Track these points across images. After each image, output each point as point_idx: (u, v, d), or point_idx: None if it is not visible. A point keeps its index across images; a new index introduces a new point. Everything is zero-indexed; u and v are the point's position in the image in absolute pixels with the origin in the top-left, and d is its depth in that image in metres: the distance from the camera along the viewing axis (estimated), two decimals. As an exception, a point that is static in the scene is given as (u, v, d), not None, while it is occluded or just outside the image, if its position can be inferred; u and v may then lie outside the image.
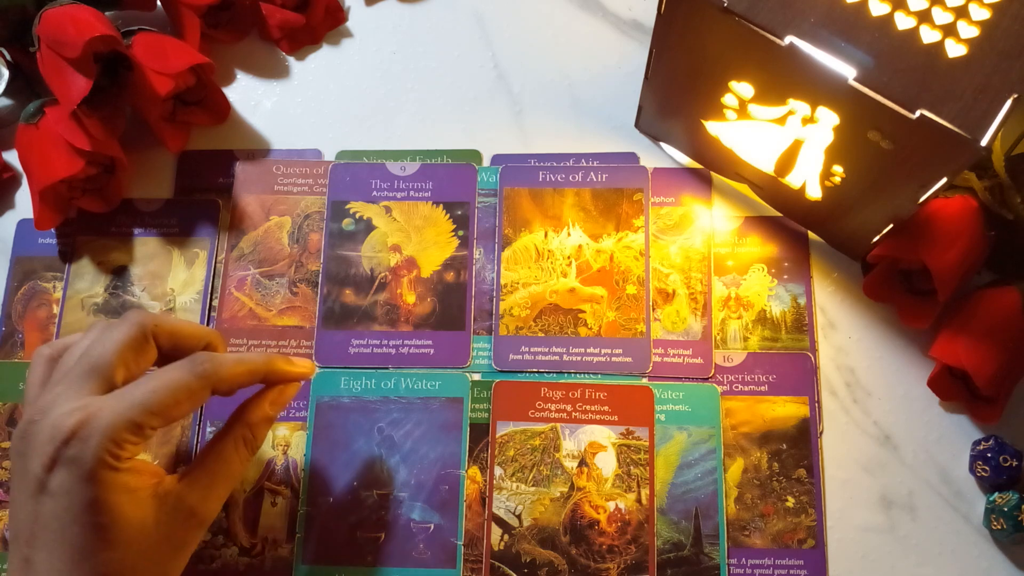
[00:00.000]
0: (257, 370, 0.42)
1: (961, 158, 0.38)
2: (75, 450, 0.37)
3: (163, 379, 0.39)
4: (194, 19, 0.55)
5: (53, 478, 0.37)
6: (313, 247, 0.55)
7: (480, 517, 0.49)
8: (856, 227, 0.50)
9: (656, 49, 0.47)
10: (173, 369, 0.40)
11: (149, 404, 0.38)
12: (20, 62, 0.57)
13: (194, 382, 0.39)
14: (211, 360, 0.40)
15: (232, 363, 0.41)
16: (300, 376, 0.44)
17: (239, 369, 0.41)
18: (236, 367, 0.41)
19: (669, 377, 0.51)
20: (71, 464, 0.37)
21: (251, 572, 0.49)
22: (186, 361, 0.40)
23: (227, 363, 0.41)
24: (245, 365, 0.41)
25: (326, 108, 0.58)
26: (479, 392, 0.51)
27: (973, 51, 0.38)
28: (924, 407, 0.51)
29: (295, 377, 0.44)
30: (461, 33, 0.59)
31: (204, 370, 0.40)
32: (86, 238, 0.56)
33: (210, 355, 0.40)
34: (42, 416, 0.38)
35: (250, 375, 0.42)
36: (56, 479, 0.37)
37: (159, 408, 0.38)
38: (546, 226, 0.54)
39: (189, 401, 0.40)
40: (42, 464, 0.37)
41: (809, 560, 0.48)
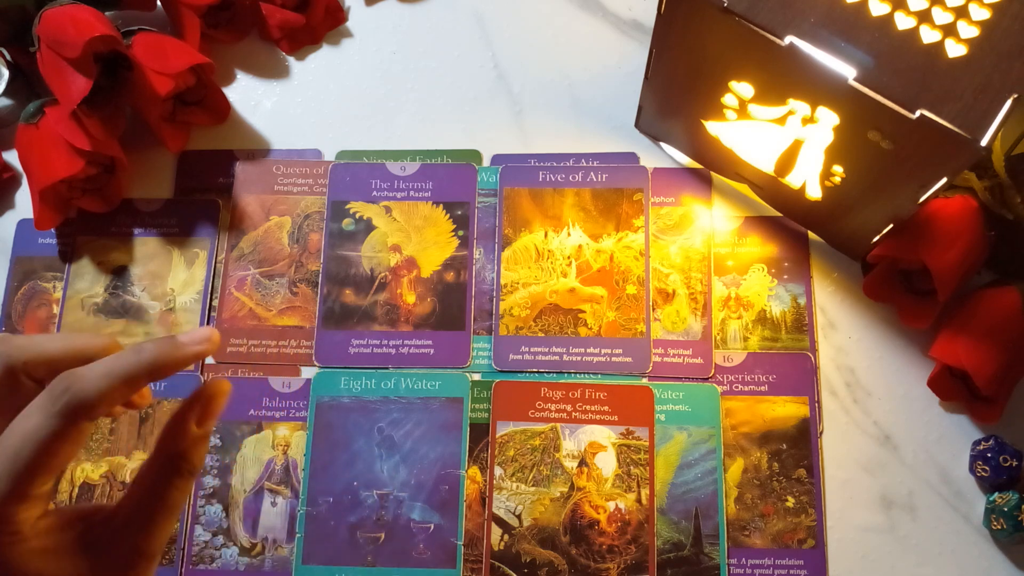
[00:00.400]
0: (134, 375, 0.33)
1: (961, 158, 0.38)
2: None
3: (23, 431, 0.32)
4: (194, 19, 0.55)
5: None
6: (313, 247, 0.55)
7: (480, 517, 0.49)
8: (856, 227, 0.50)
9: (656, 49, 0.47)
10: (30, 415, 0.32)
11: (19, 469, 0.32)
12: (20, 62, 0.57)
13: (60, 425, 0.31)
14: (69, 387, 0.32)
15: (98, 378, 0.32)
16: (196, 356, 0.35)
17: (109, 384, 0.32)
18: (103, 382, 0.32)
19: (669, 377, 0.51)
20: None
21: (251, 572, 0.49)
22: (44, 395, 0.32)
23: (92, 382, 0.32)
24: (116, 375, 0.33)
25: (326, 108, 0.58)
26: (479, 392, 0.51)
27: (973, 51, 0.38)
28: (924, 407, 0.51)
29: (189, 360, 0.34)
30: (461, 33, 0.59)
31: (66, 405, 0.32)
32: (86, 238, 0.56)
33: (69, 379, 0.32)
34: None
35: (127, 384, 0.33)
36: None
37: (33, 470, 0.32)
38: (546, 226, 0.54)
39: (66, 446, 0.32)
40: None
41: (809, 560, 0.48)
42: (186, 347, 0.34)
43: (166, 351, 0.34)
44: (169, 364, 0.34)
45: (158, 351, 0.34)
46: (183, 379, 0.52)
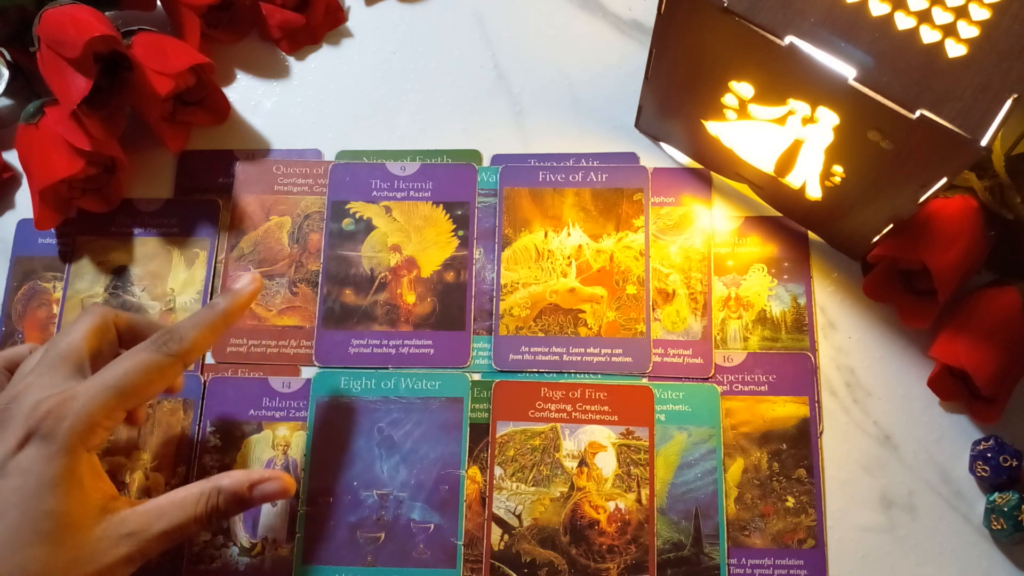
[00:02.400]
0: (216, 323, 0.43)
1: (961, 158, 0.38)
2: (48, 427, 0.37)
3: (134, 361, 0.40)
4: (194, 19, 0.55)
5: (18, 457, 0.37)
6: (313, 247, 0.55)
7: (480, 517, 0.49)
8: (856, 227, 0.50)
9: (656, 49, 0.47)
10: (141, 351, 0.41)
11: (123, 386, 0.39)
12: (20, 62, 0.57)
13: (163, 360, 0.41)
14: (173, 335, 0.41)
15: (190, 329, 0.42)
16: (252, 296, 0.45)
17: (200, 334, 0.42)
18: (195, 332, 0.42)
19: (669, 377, 0.51)
20: (42, 441, 0.37)
21: (251, 572, 0.49)
22: (149, 342, 0.41)
23: (188, 333, 0.42)
24: (203, 325, 0.42)
25: (326, 108, 0.58)
26: (479, 392, 0.51)
27: (973, 51, 0.38)
28: (924, 407, 0.51)
29: (249, 300, 0.45)
30: (461, 33, 0.59)
31: (171, 348, 0.41)
32: (86, 238, 0.56)
33: (170, 330, 0.42)
34: (14, 403, 0.39)
35: (212, 331, 0.43)
36: (21, 458, 0.37)
37: (133, 389, 0.40)
38: (546, 226, 0.54)
39: (161, 379, 0.41)
40: (13, 443, 0.37)
41: (809, 560, 0.48)
42: (242, 292, 0.44)
43: (231, 300, 0.44)
44: (236, 310, 0.44)
45: (226, 303, 0.44)
46: (183, 379, 0.52)
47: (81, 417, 0.38)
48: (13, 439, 0.37)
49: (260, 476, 0.42)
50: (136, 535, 0.38)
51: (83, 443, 0.38)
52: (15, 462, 0.37)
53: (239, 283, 0.45)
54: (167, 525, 0.39)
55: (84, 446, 0.38)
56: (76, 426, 0.38)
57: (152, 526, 0.39)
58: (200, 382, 0.52)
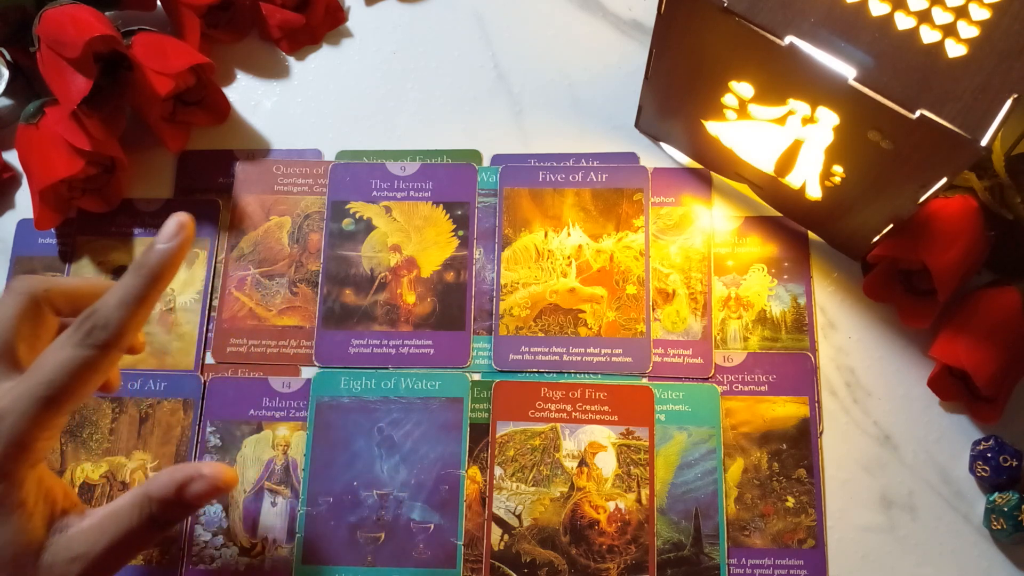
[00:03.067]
0: (144, 294, 0.36)
1: (961, 158, 0.38)
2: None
3: (57, 361, 0.34)
4: (194, 19, 0.55)
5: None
6: (313, 247, 0.55)
7: (480, 517, 0.49)
8: (856, 227, 0.50)
9: (656, 49, 0.47)
10: (62, 347, 0.35)
11: (51, 395, 0.34)
12: (20, 62, 0.57)
13: (91, 354, 0.35)
14: (96, 322, 0.35)
15: (115, 309, 0.35)
16: (181, 248, 0.37)
17: (127, 313, 0.35)
18: (121, 312, 0.35)
19: (669, 377, 0.51)
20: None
21: (251, 572, 0.49)
22: (71, 333, 0.35)
23: (112, 316, 0.35)
24: (130, 299, 0.35)
25: (326, 108, 0.58)
26: (479, 392, 0.51)
27: (973, 51, 0.38)
28: (924, 407, 0.51)
29: (179, 254, 0.37)
30: (461, 33, 0.59)
31: (97, 339, 0.35)
32: (86, 238, 0.56)
33: (93, 314, 0.35)
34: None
35: (142, 305, 0.36)
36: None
37: (62, 396, 0.34)
38: (546, 226, 0.54)
39: (95, 376, 0.35)
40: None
41: (809, 560, 0.48)
42: (168, 245, 0.36)
43: (155, 258, 0.36)
44: (166, 268, 0.36)
45: (152, 263, 0.36)
46: (183, 379, 0.52)
47: (13, 441, 0.34)
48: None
49: (185, 475, 0.37)
50: (82, 557, 0.35)
51: (21, 466, 0.34)
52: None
53: (164, 232, 0.37)
54: (109, 541, 0.36)
55: (22, 468, 0.34)
56: (9, 452, 0.34)
57: (95, 545, 0.35)
58: (200, 382, 0.52)
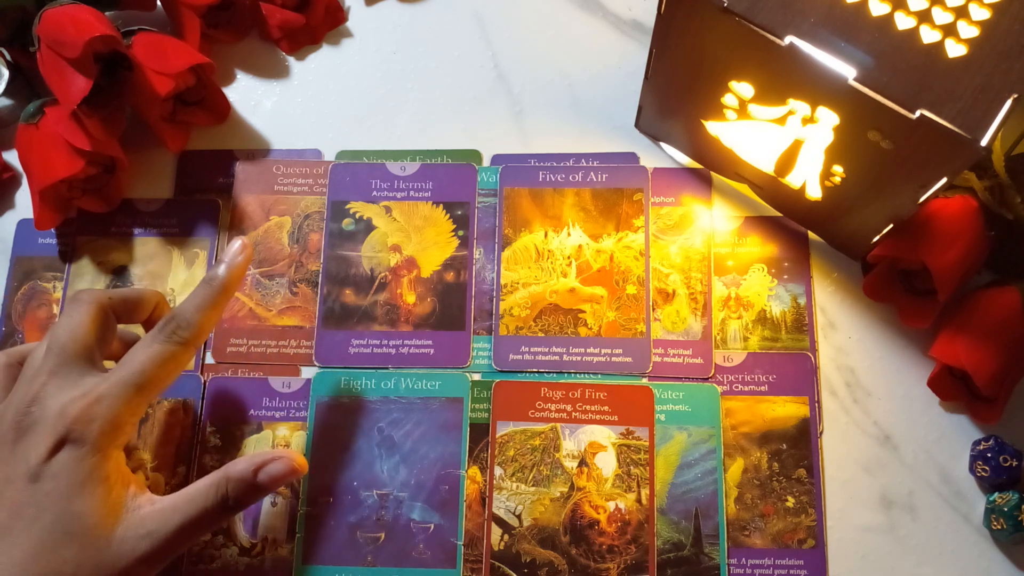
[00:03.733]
0: (217, 300, 0.43)
1: (961, 158, 0.38)
2: (79, 432, 0.38)
3: (148, 354, 0.41)
4: (194, 19, 0.55)
5: (51, 463, 0.38)
6: (313, 247, 0.55)
7: (480, 517, 0.49)
8: (856, 227, 0.50)
9: (656, 49, 0.47)
10: (152, 342, 0.41)
11: (143, 383, 0.40)
12: (20, 62, 0.57)
13: (176, 349, 0.41)
14: (180, 322, 0.42)
15: (195, 312, 0.42)
16: (245, 263, 0.44)
17: (205, 316, 0.42)
18: (200, 315, 0.42)
19: (669, 377, 0.51)
20: (74, 445, 0.38)
21: (251, 572, 0.49)
22: (157, 331, 0.42)
23: (193, 317, 0.42)
24: (205, 305, 0.43)
25: (326, 108, 0.58)
26: (479, 392, 0.51)
27: (973, 51, 0.38)
28: (924, 407, 0.51)
29: (244, 268, 0.44)
30: (461, 33, 0.59)
31: (181, 336, 0.42)
32: (86, 238, 0.56)
33: (175, 317, 0.42)
34: (36, 405, 0.39)
35: (215, 310, 0.43)
36: (54, 463, 0.38)
37: (152, 384, 0.41)
38: (546, 226, 0.54)
39: (177, 368, 0.42)
40: (44, 450, 0.38)
41: (809, 560, 0.48)
42: (235, 262, 0.44)
43: (227, 273, 0.43)
44: (233, 282, 0.44)
45: (222, 276, 0.43)
46: (183, 379, 0.52)
47: (109, 419, 0.39)
48: (44, 446, 0.38)
49: (263, 459, 0.42)
50: (153, 534, 0.39)
51: (112, 444, 0.39)
52: (48, 467, 0.38)
53: (229, 252, 0.44)
54: (182, 520, 0.39)
55: (113, 446, 0.39)
56: (105, 428, 0.39)
57: (167, 523, 0.39)
58: (200, 382, 0.52)
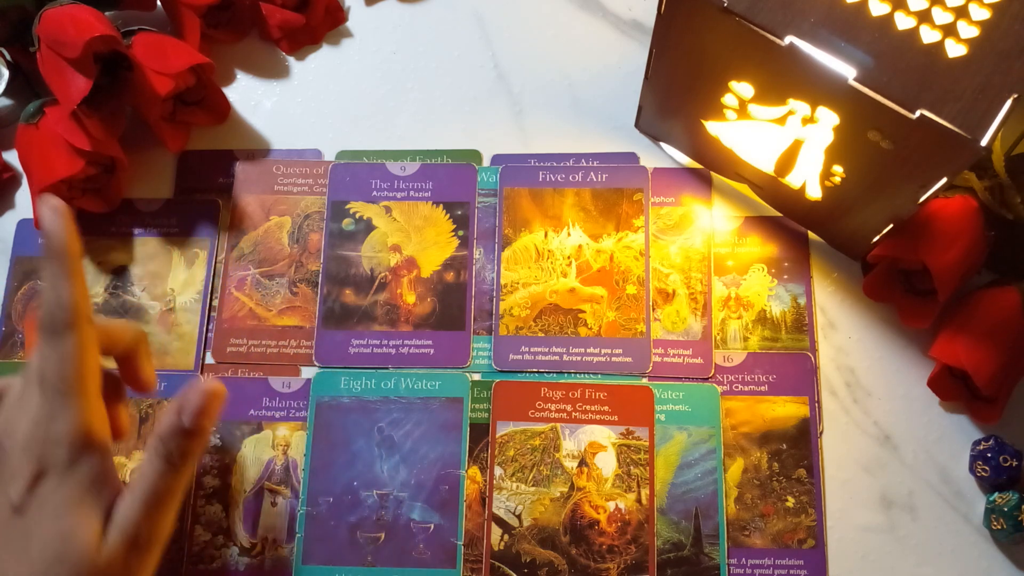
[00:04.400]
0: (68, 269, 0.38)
1: (961, 158, 0.38)
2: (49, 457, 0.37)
3: (53, 359, 0.37)
4: (194, 19, 0.55)
5: (35, 494, 0.37)
6: (313, 247, 0.55)
7: (480, 517, 0.49)
8: (856, 227, 0.50)
9: (656, 49, 0.47)
10: (45, 344, 0.38)
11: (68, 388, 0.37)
12: (20, 62, 0.57)
13: (75, 337, 0.38)
14: (51, 311, 0.38)
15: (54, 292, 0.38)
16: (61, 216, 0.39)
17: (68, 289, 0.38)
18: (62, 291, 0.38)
19: (669, 377, 0.51)
20: (52, 471, 0.37)
21: (251, 572, 0.49)
22: (42, 333, 0.38)
23: (59, 299, 0.38)
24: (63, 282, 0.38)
25: (326, 108, 0.58)
26: (479, 392, 0.51)
27: (973, 51, 0.38)
28: (924, 407, 0.51)
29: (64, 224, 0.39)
30: (461, 33, 0.59)
31: (63, 322, 0.38)
32: (86, 238, 0.55)
33: (44, 309, 0.38)
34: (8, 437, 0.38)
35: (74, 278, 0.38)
36: (39, 493, 0.37)
37: (80, 383, 0.38)
38: (546, 226, 0.54)
39: (91, 353, 0.38)
40: (24, 483, 0.37)
41: (809, 560, 0.48)
42: (54, 222, 0.39)
43: (55, 237, 0.39)
44: (69, 238, 0.39)
45: (54, 241, 0.39)
46: (183, 379, 0.52)
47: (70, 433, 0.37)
48: (23, 479, 0.37)
49: (179, 402, 0.39)
50: (125, 526, 0.38)
51: (84, 455, 0.37)
52: (32, 498, 0.37)
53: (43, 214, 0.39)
54: (142, 498, 0.38)
55: (85, 455, 0.37)
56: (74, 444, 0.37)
57: (132, 508, 0.38)
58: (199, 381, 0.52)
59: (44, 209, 0.40)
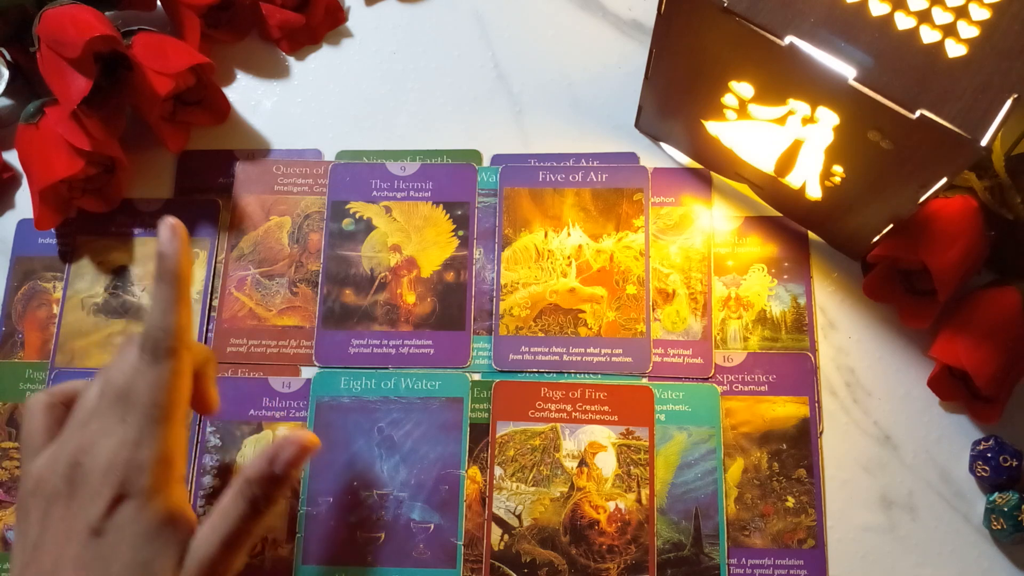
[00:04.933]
0: (180, 295, 0.40)
1: (961, 158, 0.38)
2: (131, 483, 0.37)
3: (149, 384, 0.38)
4: (194, 19, 0.55)
5: (114, 517, 0.37)
6: (313, 247, 0.55)
7: (480, 517, 0.49)
8: (856, 227, 0.50)
9: (656, 49, 0.47)
10: (145, 370, 0.39)
11: (161, 415, 0.38)
12: (20, 62, 0.57)
13: (172, 363, 0.39)
14: (155, 336, 0.39)
15: (161, 316, 0.39)
16: (184, 243, 0.41)
17: (177, 315, 0.39)
18: (171, 317, 0.39)
19: (669, 377, 0.51)
20: (133, 497, 0.37)
21: (251, 572, 0.49)
22: (142, 355, 0.39)
23: (167, 322, 0.39)
24: (174, 306, 0.39)
25: (326, 108, 0.58)
26: (479, 392, 0.51)
27: (973, 51, 0.38)
28: (924, 407, 0.51)
29: (183, 250, 0.40)
30: (461, 33, 0.59)
31: (167, 347, 0.39)
32: (86, 238, 0.56)
33: (147, 332, 0.39)
34: (88, 456, 0.38)
35: (183, 304, 0.40)
36: (117, 517, 0.37)
37: (173, 408, 0.39)
38: (546, 226, 0.54)
39: (185, 381, 0.40)
40: (104, 505, 0.37)
41: (809, 560, 0.48)
42: (173, 247, 0.40)
43: (172, 262, 0.40)
44: (184, 266, 0.40)
45: (170, 266, 0.40)
46: (183, 379, 0.52)
47: (156, 461, 0.38)
48: (102, 501, 0.37)
49: (274, 450, 0.40)
50: (204, 561, 0.38)
51: (168, 482, 0.38)
52: (111, 522, 0.37)
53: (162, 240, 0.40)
54: (222, 536, 0.38)
55: (169, 484, 0.38)
56: (156, 471, 0.37)
57: (211, 546, 0.38)
58: (200, 382, 0.52)
59: (163, 229, 0.40)
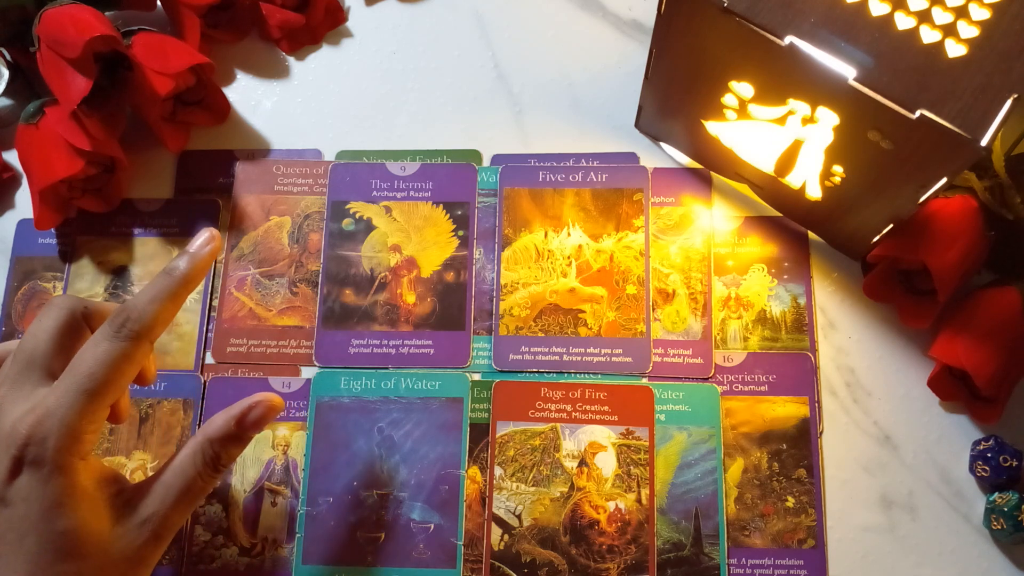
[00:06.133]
0: (175, 291, 0.40)
1: (961, 158, 0.38)
2: (34, 452, 0.36)
3: (94, 355, 0.37)
4: (194, 19, 0.55)
5: (15, 485, 0.36)
6: (313, 247, 0.55)
7: (480, 517, 0.49)
8: (856, 227, 0.50)
9: (656, 49, 0.47)
10: (99, 341, 0.38)
11: (93, 388, 0.37)
12: (20, 62, 0.57)
13: (126, 346, 0.37)
14: (130, 314, 0.38)
15: (148, 303, 0.38)
16: (211, 256, 0.41)
17: (160, 307, 0.39)
18: (154, 306, 0.38)
19: (669, 377, 0.51)
20: (33, 466, 0.36)
21: (251, 572, 0.49)
22: (105, 327, 0.38)
23: (146, 309, 0.38)
24: (162, 296, 0.39)
25: (326, 108, 0.58)
26: (479, 392, 0.51)
27: (973, 51, 0.38)
28: (924, 407, 0.51)
29: (208, 261, 0.41)
30: (461, 33, 0.59)
31: (129, 330, 0.38)
32: (86, 238, 0.56)
33: (126, 309, 0.38)
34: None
35: (173, 301, 0.39)
36: (18, 486, 0.36)
37: (103, 388, 0.37)
38: (546, 226, 0.54)
39: (130, 367, 0.38)
40: (4, 473, 0.36)
41: (809, 560, 0.48)
42: (201, 253, 0.41)
43: (189, 264, 0.40)
44: (196, 274, 0.40)
45: (185, 267, 0.40)
46: (183, 379, 0.52)
47: (63, 433, 0.36)
48: (2, 467, 0.36)
49: (240, 409, 0.40)
50: (152, 517, 0.37)
51: (73, 456, 0.37)
52: (13, 491, 0.36)
53: (196, 243, 0.41)
54: (177, 493, 0.38)
55: (75, 458, 0.37)
56: (61, 444, 0.36)
57: (163, 502, 0.38)
58: (200, 382, 0.52)
59: (203, 234, 0.42)
